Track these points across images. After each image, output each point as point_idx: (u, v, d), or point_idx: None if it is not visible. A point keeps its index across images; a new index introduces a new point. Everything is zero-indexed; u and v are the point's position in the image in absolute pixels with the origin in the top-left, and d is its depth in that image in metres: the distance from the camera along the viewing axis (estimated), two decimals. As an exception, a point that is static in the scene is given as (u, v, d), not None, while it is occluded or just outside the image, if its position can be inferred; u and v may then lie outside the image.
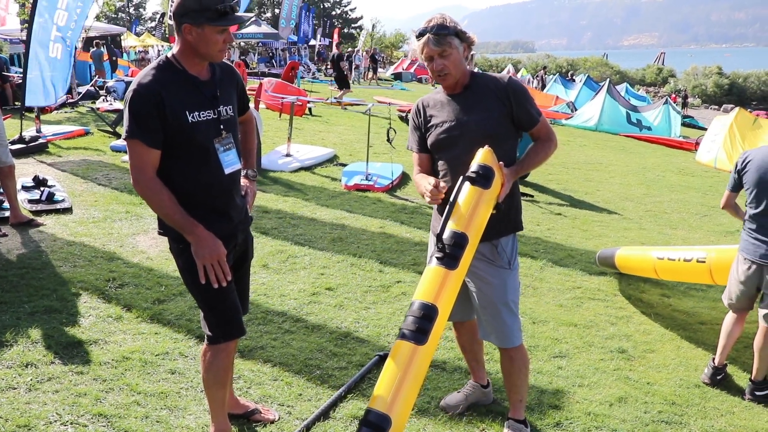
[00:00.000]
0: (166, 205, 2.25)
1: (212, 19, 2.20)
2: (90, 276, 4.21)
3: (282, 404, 2.95)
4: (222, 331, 2.43)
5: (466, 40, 2.56)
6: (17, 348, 3.21)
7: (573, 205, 7.75)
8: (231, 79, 2.48)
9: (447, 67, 2.52)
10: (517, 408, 2.85)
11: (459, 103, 2.62)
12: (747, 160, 3.51)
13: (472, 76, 2.63)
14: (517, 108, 2.59)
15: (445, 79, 2.57)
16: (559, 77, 27.52)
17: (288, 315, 3.90)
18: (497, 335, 2.70)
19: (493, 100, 2.58)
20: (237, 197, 2.49)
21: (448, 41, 2.49)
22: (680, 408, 3.26)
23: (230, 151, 2.40)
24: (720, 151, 12.40)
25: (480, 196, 2.45)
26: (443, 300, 2.31)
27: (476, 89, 2.61)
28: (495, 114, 2.57)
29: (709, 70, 39.54)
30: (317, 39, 42.63)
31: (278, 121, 12.06)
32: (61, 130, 9.31)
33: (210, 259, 2.28)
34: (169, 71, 2.28)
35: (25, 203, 5.60)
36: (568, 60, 48.54)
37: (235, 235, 2.47)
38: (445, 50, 2.49)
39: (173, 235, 2.36)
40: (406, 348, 2.21)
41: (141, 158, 2.23)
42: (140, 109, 2.20)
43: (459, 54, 2.53)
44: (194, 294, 2.44)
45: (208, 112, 2.33)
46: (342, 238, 5.52)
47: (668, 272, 4.44)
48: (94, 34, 19.82)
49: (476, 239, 2.46)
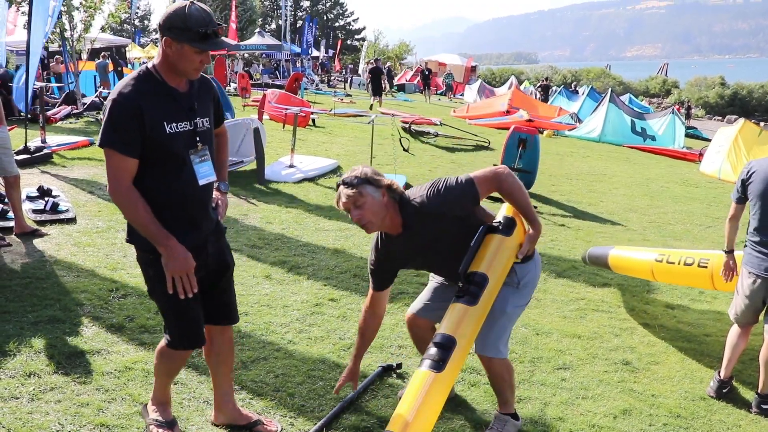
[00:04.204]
0: (141, 215, 2.29)
1: (193, 40, 2.25)
2: (93, 286, 4.21)
3: (284, 416, 2.94)
4: (182, 342, 2.53)
5: (381, 186, 2.57)
6: (20, 357, 3.21)
7: (576, 216, 7.74)
8: (208, 92, 2.53)
9: (364, 216, 2.54)
10: (503, 406, 2.91)
11: (408, 244, 2.68)
12: (752, 170, 3.49)
13: (404, 217, 2.61)
14: (456, 210, 2.62)
15: (369, 228, 2.59)
16: (563, 89, 27.57)
17: (291, 326, 3.90)
18: (480, 340, 2.72)
19: (437, 225, 2.61)
20: (209, 209, 2.55)
21: (359, 191, 2.52)
22: (685, 421, 3.24)
23: (205, 163, 2.45)
24: (725, 162, 12.37)
25: (501, 242, 2.63)
26: (462, 332, 2.48)
27: (414, 225, 2.62)
28: (446, 228, 2.63)
29: (713, 80, 39.59)
30: (320, 50, 42.85)
31: (282, 132, 12.10)
32: (66, 141, 9.34)
33: (180, 272, 2.33)
34: (149, 82, 2.33)
35: (29, 213, 5.61)
36: (571, 71, 48.64)
37: (205, 247, 2.52)
38: (357, 200, 2.53)
39: (142, 245, 2.39)
40: (426, 376, 2.37)
41: (118, 167, 2.28)
42: (120, 118, 2.25)
43: (375, 200, 2.54)
44: (160, 303, 2.52)
45: (185, 123, 2.38)
46: (345, 249, 5.52)
47: (666, 275, 4.33)
48: (99, 45, 19.94)
49: (499, 281, 2.62)
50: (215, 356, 2.76)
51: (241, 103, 17.03)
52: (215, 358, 2.76)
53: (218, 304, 2.65)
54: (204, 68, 2.39)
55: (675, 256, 4.19)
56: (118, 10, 14.21)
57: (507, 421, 2.88)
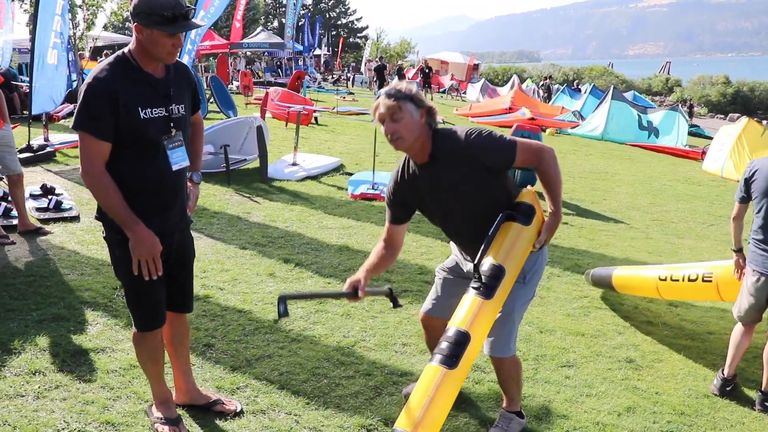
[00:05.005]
0: (111, 199, 2.33)
1: (160, 23, 2.27)
2: (97, 284, 4.22)
3: (289, 413, 2.94)
4: (144, 323, 2.58)
5: (423, 106, 2.53)
6: (25, 356, 3.22)
7: (579, 215, 7.74)
8: (185, 78, 2.56)
9: (398, 131, 2.48)
10: (509, 403, 2.89)
11: (433, 177, 2.59)
12: (754, 169, 3.50)
13: (434, 144, 2.55)
14: (491, 161, 2.55)
15: (399, 144, 2.51)
16: (567, 88, 27.54)
17: (295, 324, 3.90)
18: (492, 342, 2.68)
19: (464, 164, 2.53)
20: (181, 196, 2.59)
21: (399, 105, 2.47)
22: (689, 418, 3.24)
23: (179, 149, 2.49)
24: (727, 160, 12.35)
25: (520, 232, 2.54)
26: (476, 327, 2.39)
27: (443, 156, 2.55)
28: (472, 175, 2.54)
29: (716, 78, 39.50)
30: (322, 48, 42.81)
31: (284, 130, 12.10)
32: (69, 139, 9.34)
33: (146, 256, 2.38)
34: (124, 67, 2.36)
35: (32, 211, 5.62)
36: (573, 69, 48.55)
37: (172, 234, 2.56)
38: (395, 113, 2.47)
39: (111, 225, 2.43)
40: (437, 371, 2.29)
41: (91, 150, 2.31)
42: (94, 102, 2.28)
43: (412, 118, 2.49)
44: (124, 283, 2.57)
45: (160, 109, 2.41)
46: (349, 246, 5.52)
47: (672, 292, 4.28)
48: (102, 43, 19.96)
49: (515, 273, 2.53)
50: (174, 339, 2.81)
51: (243, 101, 17.03)
52: (174, 340, 2.82)
53: (177, 293, 2.71)
54: (178, 52, 2.40)
55: (678, 273, 4.12)
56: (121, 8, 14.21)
57: (512, 419, 2.88)
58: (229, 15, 31.20)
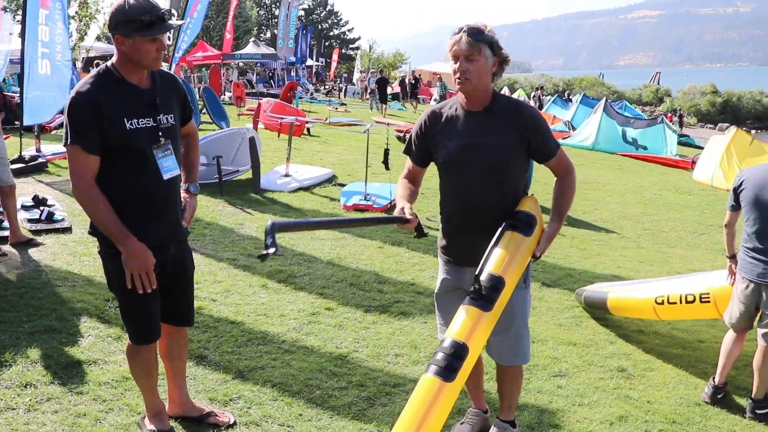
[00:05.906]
0: (101, 213, 2.33)
1: (140, 29, 2.29)
2: (89, 296, 4.20)
3: (282, 424, 2.94)
4: (138, 336, 2.57)
5: (499, 55, 2.51)
6: (16, 368, 3.20)
7: (571, 224, 7.78)
8: (172, 88, 2.56)
9: (469, 72, 2.44)
10: (506, 412, 2.88)
11: (477, 123, 2.56)
12: (742, 178, 3.56)
13: (494, 97, 2.56)
14: (536, 139, 2.56)
15: (464, 84, 2.47)
16: (558, 98, 27.71)
17: (287, 335, 3.90)
18: (509, 351, 2.69)
19: (512, 127, 2.53)
20: (174, 207, 2.57)
21: (479, 47, 2.44)
22: (681, 426, 3.26)
23: (168, 158, 2.48)
24: (717, 169, 12.48)
25: (521, 243, 2.52)
26: (474, 340, 2.34)
27: (497, 112, 2.55)
28: (513, 141, 2.53)
29: (704, 88, 39.89)
30: (314, 59, 42.91)
31: (277, 141, 12.12)
32: (61, 150, 9.31)
33: (139, 270, 2.37)
34: (108, 79, 2.37)
35: (24, 223, 5.60)
36: (564, 79, 48.89)
37: (167, 246, 2.55)
38: (473, 54, 2.44)
39: (104, 239, 2.43)
40: (434, 383, 2.23)
41: (80, 164, 2.32)
42: (78, 116, 2.29)
43: (486, 64, 2.47)
44: (118, 297, 2.56)
45: (147, 119, 2.42)
46: (341, 258, 5.53)
47: (671, 314, 4.21)
48: (95, 54, 19.95)
49: (513, 284, 2.50)
50: (171, 353, 2.81)
51: (236, 112, 17.05)
52: (171, 355, 2.81)
53: (174, 305, 2.69)
54: (162, 56, 2.41)
55: (674, 293, 4.07)
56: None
57: (506, 429, 2.87)
58: (221, 26, 31.26)
